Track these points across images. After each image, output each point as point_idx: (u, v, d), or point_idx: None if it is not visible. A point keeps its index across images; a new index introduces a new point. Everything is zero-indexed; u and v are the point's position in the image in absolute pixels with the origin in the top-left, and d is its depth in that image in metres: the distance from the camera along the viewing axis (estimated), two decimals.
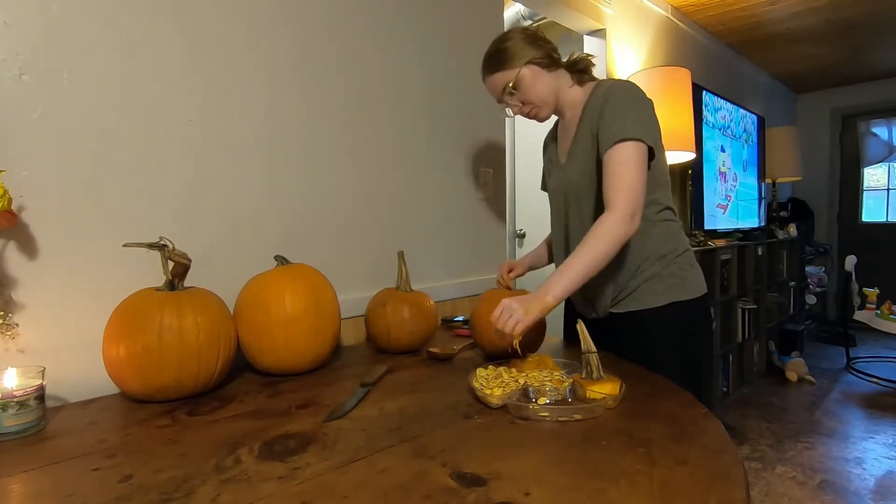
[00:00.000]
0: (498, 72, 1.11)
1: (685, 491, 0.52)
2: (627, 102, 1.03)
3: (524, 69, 1.08)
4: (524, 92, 1.10)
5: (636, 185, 0.98)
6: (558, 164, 1.19)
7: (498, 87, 1.12)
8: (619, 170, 0.99)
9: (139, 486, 0.55)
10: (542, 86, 1.10)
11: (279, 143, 1.15)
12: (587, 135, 1.07)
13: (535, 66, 1.09)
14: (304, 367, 0.96)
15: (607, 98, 1.04)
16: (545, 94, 1.11)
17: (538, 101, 1.11)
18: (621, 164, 0.99)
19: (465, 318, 1.44)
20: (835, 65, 4.12)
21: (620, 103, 1.03)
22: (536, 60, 1.09)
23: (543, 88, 1.11)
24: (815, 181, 4.90)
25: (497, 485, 0.54)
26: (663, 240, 1.10)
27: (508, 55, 1.09)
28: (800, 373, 3.27)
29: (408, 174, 1.43)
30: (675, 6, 2.96)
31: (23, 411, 0.69)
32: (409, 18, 1.42)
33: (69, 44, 0.86)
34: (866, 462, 2.18)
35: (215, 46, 1.04)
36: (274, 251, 1.10)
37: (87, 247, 0.88)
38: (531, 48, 1.09)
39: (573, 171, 1.12)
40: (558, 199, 1.19)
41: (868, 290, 3.42)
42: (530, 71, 1.09)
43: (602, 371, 0.81)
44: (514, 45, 1.09)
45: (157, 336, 0.78)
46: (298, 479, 0.56)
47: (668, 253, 1.10)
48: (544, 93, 1.11)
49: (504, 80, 1.10)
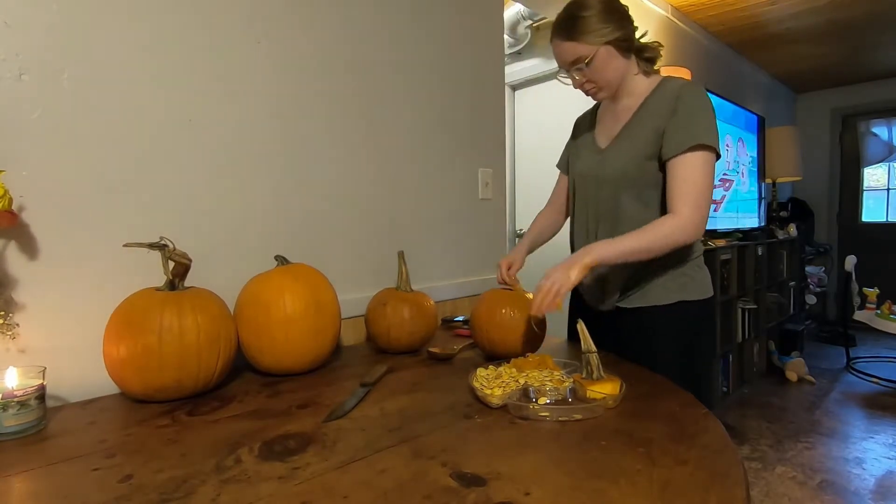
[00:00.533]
0: (573, 41, 1.02)
1: (685, 491, 0.52)
2: (703, 108, 1.00)
3: (602, 49, 1.01)
4: (594, 71, 1.03)
5: (707, 194, 0.98)
6: (595, 149, 1.15)
7: (567, 57, 1.04)
8: (691, 175, 0.97)
9: (139, 486, 0.55)
10: (615, 70, 1.04)
11: (279, 143, 1.15)
12: (646, 127, 1.03)
13: (614, 48, 1.02)
14: (304, 367, 0.96)
15: (681, 98, 1.00)
16: (615, 78, 1.05)
17: (604, 83, 1.05)
18: (695, 170, 0.97)
19: (465, 318, 1.44)
20: (835, 65, 4.12)
21: (697, 107, 0.99)
22: (618, 42, 1.02)
23: (615, 72, 1.04)
24: (815, 181, 4.90)
25: (497, 485, 0.54)
26: None
27: (589, 27, 1.00)
28: (800, 373, 3.27)
29: (408, 174, 1.43)
30: (675, 6, 2.96)
31: (23, 411, 0.69)
32: (409, 19, 1.42)
33: (69, 44, 0.86)
34: (866, 462, 2.18)
35: (215, 46, 1.04)
36: (274, 251, 1.10)
37: (88, 247, 0.88)
38: (615, 26, 1.01)
39: (618, 158, 1.08)
40: (589, 183, 1.14)
41: (868, 290, 3.42)
42: (607, 52, 1.01)
43: (602, 371, 0.81)
44: (597, 17, 1.00)
45: (158, 336, 0.78)
46: (298, 479, 0.56)
47: (682, 250, 1.08)
48: (614, 77, 1.05)
49: (576, 52, 1.02)
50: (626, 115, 1.09)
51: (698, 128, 0.98)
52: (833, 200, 4.90)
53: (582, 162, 1.18)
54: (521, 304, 1.03)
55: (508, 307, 1.02)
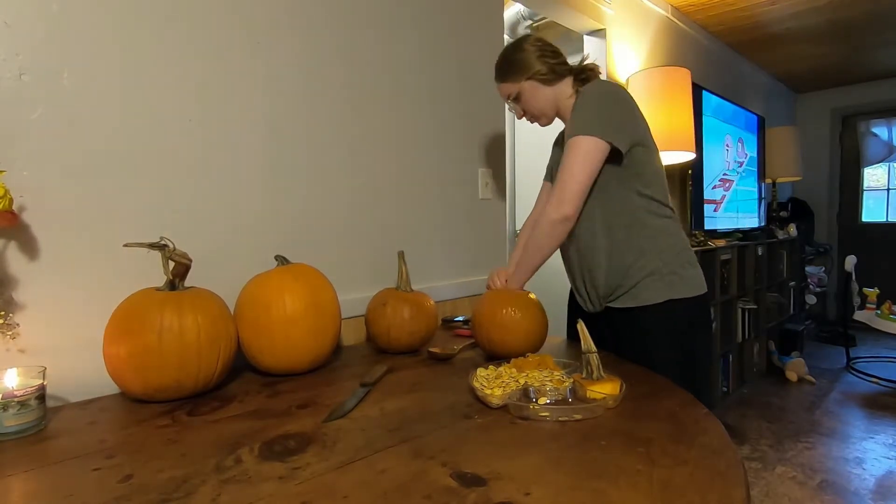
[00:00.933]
0: (503, 81, 1.22)
1: (685, 491, 0.52)
2: (591, 101, 1.08)
3: (525, 83, 1.18)
4: (524, 103, 1.21)
5: (577, 176, 1.05)
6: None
7: (503, 94, 1.24)
8: (566, 163, 1.06)
9: (139, 487, 0.55)
10: (541, 99, 1.20)
11: (279, 143, 1.15)
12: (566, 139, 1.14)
13: (536, 81, 1.17)
14: (305, 367, 0.96)
15: (577, 101, 1.11)
16: (543, 106, 1.21)
17: (536, 112, 1.22)
18: (568, 159, 1.06)
19: (465, 318, 1.44)
20: (835, 65, 4.12)
21: (585, 102, 1.09)
22: (538, 77, 1.17)
23: (542, 101, 1.20)
24: (815, 181, 4.90)
25: (497, 485, 0.54)
26: (661, 236, 1.11)
27: (514, 67, 1.19)
28: (800, 373, 3.27)
29: (408, 174, 1.44)
30: (675, 6, 2.96)
31: (23, 411, 0.69)
32: (409, 18, 1.42)
33: (69, 44, 0.86)
34: (866, 462, 2.18)
35: (215, 46, 1.04)
36: (274, 251, 1.10)
37: (88, 247, 0.88)
38: (537, 63, 1.16)
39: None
40: None
41: (868, 290, 3.42)
42: (530, 86, 1.18)
43: (602, 371, 0.81)
44: (521, 57, 1.17)
45: (158, 336, 0.78)
46: (298, 479, 0.56)
47: (667, 249, 1.10)
48: (543, 105, 1.20)
49: (508, 90, 1.22)
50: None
51: (582, 119, 1.06)
52: (833, 200, 4.90)
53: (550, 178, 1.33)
54: (523, 304, 1.03)
55: (510, 307, 1.02)
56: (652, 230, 1.10)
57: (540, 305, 1.06)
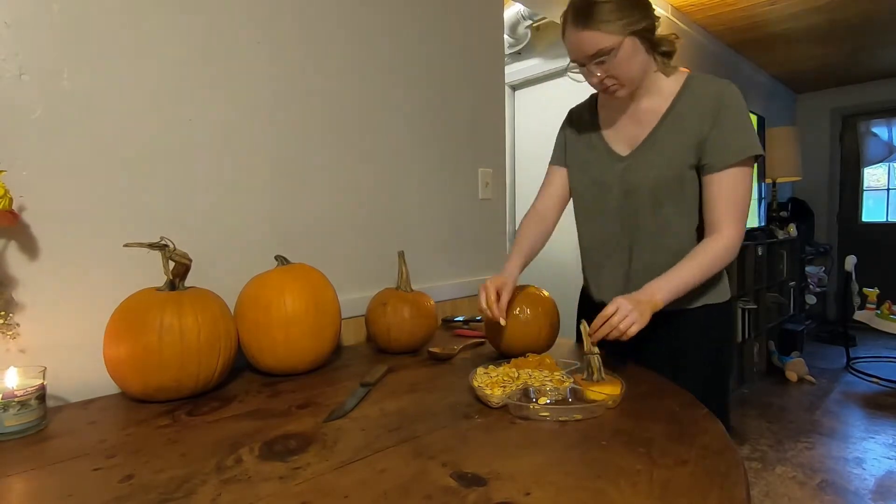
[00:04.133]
0: (594, 30, 0.90)
1: (685, 491, 0.52)
2: (746, 115, 0.94)
3: (627, 40, 0.91)
4: (618, 65, 0.92)
5: (747, 207, 0.96)
6: (614, 156, 1.05)
7: (587, 48, 0.92)
8: (735, 190, 0.94)
9: (140, 486, 0.55)
10: (640, 64, 0.94)
11: (280, 143, 1.15)
12: (683, 134, 0.96)
13: (639, 39, 0.93)
14: (305, 367, 0.96)
15: (723, 104, 0.93)
16: (638, 73, 0.95)
17: (627, 79, 0.95)
18: (738, 185, 0.94)
19: (466, 318, 1.44)
20: (835, 65, 4.12)
21: (742, 115, 0.94)
22: (643, 33, 0.93)
23: (639, 67, 0.95)
24: (815, 181, 4.90)
25: (497, 485, 0.54)
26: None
27: (613, 15, 0.90)
28: (800, 373, 3.27)
29: (408, 174, 1.43)
30: (675, 6, 2.96)
31: (24, 411, 0.69)
32: (409, 18, 1.42)
33: (69, 44, 0.86)
34: (866, 462, 2.18)
35: (216, 46, 1.04)
36: (274, 251, 1.10)
37: (88, 247, 0.88)
38: (640, 14, 0.92)
39: (652, 168, 0.99)
40: (612, 193, 1.05)
41: (868, 290, 3.42)
42: (632, 44, 0.92)
43: (603, 373, 0.81)
44: (619, 3, 0.90)
45: (158, 336, 0.78)
46: (299, 479, 0.56)
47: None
48: (638, 72, 0.95)
49: (599, 43, 0.91)
50: (650, 117, 1.00)
51: (746, 139, 0.92)
52: (833, 200, 4.90)
53: (596, 170, 1.07)
54: (534, 302, 1.03)
55: (522, 305, 1.02)
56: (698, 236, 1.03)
57: (554, 303, 1.06)
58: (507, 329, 0.99)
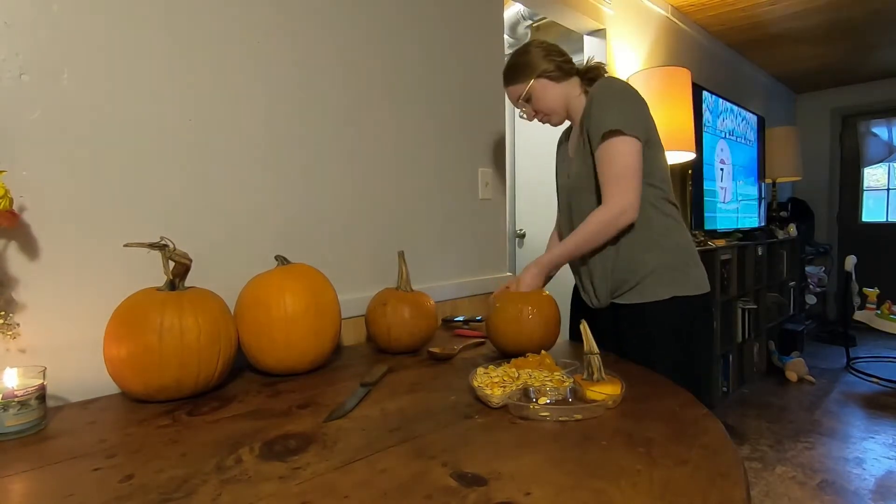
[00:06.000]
0: (512, 84, 1.24)
1: (685, 491, 0.52)
2: (609, 98, 1.10)
3: (535, 82, 1.20)
4: (535, 102, 1.22)
5: (629, 173, 1.05)
6: (566, 165, 1.28)
7: (513, 97, 1.25)
8: (610, 162, 1.06)
9: (140, 486, 0.55)
10: (552, 97, 1.21)
11: (279, 143, 1.15)
12: (581, 135, 1.16)
13: (545, 79, 1.20)
14: (305, 367, 0.96)
15: (592, 96, 1.12)
16: (554, 103, 1.22)
17: (548, 110, 1.23)
18: (612, 156, 1.06)
19: (466, 318, 1.44)
20: (835, 65, 4.12)
21: (604, 99, 1.10)
22: (547, 74, 1.19)
23: (553, 99, 1.21)
24: (815, 181, 4.90)
25: (497, 485, 0.54)
26: (668, 233, 1.12)
27: (522, 69, 1.21)
28: (800, 373, 3.27)
29: (408, 174, 1.43)
30: (675, 6, 2.96)
31: (24, 411, 0.69)
32: (409, 18, 1.42)
33: (69, 44, 0.86)
34: (866, 462, 2.18)
35: (215, 46, 1.04)
36: (274, 251, 1.10)
37: (88, 247, 0.88)
38: (544, 62, 1.19)
39: (573, 170, 1.20)
40: (563, 197, 1.28)
41: (868, 290, 3.42)
42: (540, 84, 1.20)
43: (603, 373, 0.81)
44: (528, 59, 1.20)
45: (158, 336, 0.78)
46: (299, 479, 0.56)
47: (673, 247, 1.11)
48: (554, 103, 1.22)
49: (518, 91, 1.23)
50: (577, 128, 1.22)
51: (604, 117, 1.07)
52: (833, 200, 4.90)
53: (559, 178, 1.32)
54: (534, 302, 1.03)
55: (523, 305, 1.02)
56: (659, 227, 1.11)
57: (555, 303, 1.06)
58: (508, 329, 1.01)
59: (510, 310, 1.03)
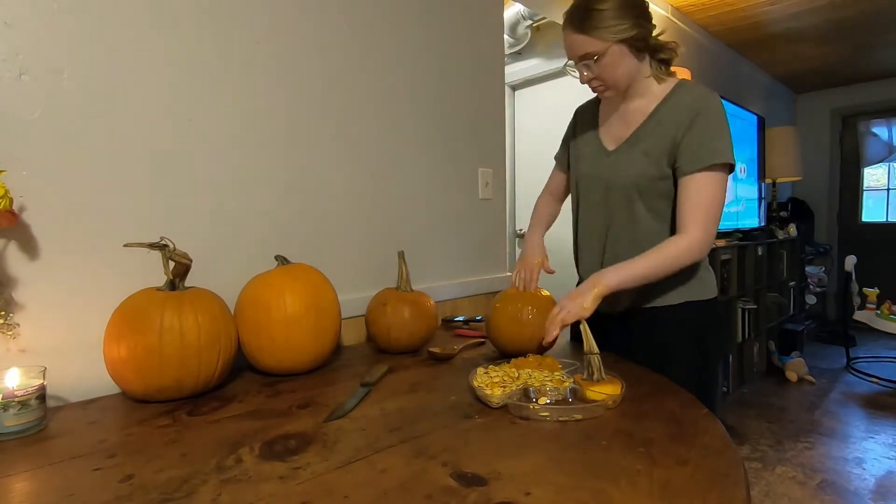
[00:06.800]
0: (584, 34, 0.97)
1: (685, 491, 0.52)
2: (721, 123, 0.98)
3: (614, 46, 0.96)
4: (604, 69, 0.99)
5: (717, 213, 0.98)
6: (602, 150, 1.11)
7: (577, 50, 0.99)
8: (705, 195, 0.97)
9: (140, 486, 0.55)
10: (625, 69, 0.99)
11: (279, 143, 1.15)
12: (660, 137, 1.01)
13: (627, 46, 0.97)
14: (305, 367, 0.96)
15: (700, 111, 0.97)
16: (624, 78, 1.01)
17: (612, 81, 1.01)
18: (709, 190, 0.97)
19: (466, 318, 1.44)
20: (835, 65, 4.12)
21: (716, 123, 0.97)
22: (632, 41, 0.97)
23: (625, 73, 1.00)
24: (815, 181, 4.90)
25: (497, 485, 0.54)
26: None
27: (603, 22, 0.95)
28: (800, 373, 3.27)
29: (408, 174, 1.43)
30: (675, 6, 2.96)
31: (24, 411, 0.69)
32: (409, 18, 1.42)
33: (69, 44, 0.86)
34: (866, 462, 2.18)
35: (216, 47, 1.04)
36: (274, 251, 1.09)
37: (88, 247, 0.88)
38: (631, 23, 0.96)
39: (630, 165, 1.04)
40: (596, 187, 1.11)
41: (868, 290, 3.42)
42: (620, 51, 0.97)
43: (603, 373, 0.81)
44: (614, 11, 0.95)
45: (158, 336, 0.78)
46: (299, 479, 0.56)
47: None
48: (624, 77, 1.01)
49: (587, 47, 0.97)
50: (636, 118, 1.05)
51: (716, 145, 0.96)
52: (833, 200, 4.90)
53: (587, 163, 1.14)
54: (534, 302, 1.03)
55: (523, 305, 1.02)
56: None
57: (555, 303, 1.06)
58: (508, 329, 1.01)
59: (510, 310, 1.03)
